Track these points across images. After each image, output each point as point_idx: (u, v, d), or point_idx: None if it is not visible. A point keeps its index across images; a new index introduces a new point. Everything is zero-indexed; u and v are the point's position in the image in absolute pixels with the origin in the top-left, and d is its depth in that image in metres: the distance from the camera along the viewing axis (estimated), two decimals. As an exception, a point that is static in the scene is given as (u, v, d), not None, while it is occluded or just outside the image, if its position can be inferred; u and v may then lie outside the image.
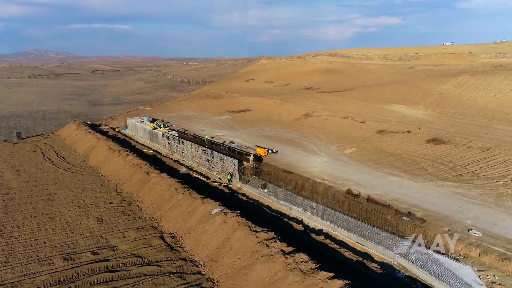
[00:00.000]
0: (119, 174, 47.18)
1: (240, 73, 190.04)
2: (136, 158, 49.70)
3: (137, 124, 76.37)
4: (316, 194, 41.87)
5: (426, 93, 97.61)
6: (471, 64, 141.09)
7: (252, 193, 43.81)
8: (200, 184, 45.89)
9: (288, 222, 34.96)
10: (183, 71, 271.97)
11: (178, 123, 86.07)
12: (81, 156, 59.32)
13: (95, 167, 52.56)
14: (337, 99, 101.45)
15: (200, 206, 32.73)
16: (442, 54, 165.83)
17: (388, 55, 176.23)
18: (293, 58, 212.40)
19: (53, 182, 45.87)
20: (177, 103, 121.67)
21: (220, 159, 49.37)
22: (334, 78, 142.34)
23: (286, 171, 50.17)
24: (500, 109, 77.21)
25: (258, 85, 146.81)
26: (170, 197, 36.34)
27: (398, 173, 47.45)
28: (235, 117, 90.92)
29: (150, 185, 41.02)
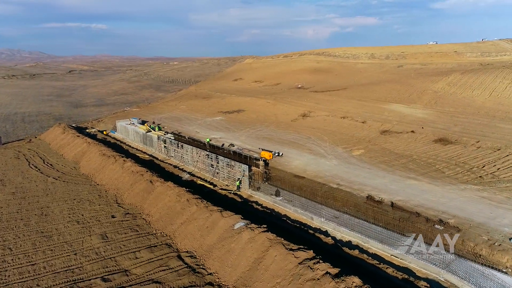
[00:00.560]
0: (117, 183, 43.10)
1: (226, 72, 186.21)
2: (135, 164, 45.70)
3: (127, 127, 71.87)
4: (335, 201, 39.13)
5: (421, 92, 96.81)
6: (459, 63, 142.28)
7: (265, 201, 40.69)
8: (207, 192, 42.40)
9: (315, 234, 32.02)
10: (165, 71, 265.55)
11: (169, 125, 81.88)
12: (71, 163, 54.67)
13: (89, 175, 48.20)
14: (332, 98, 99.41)
15: (219, 220, 29.33)
16: (429, 53, 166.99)
17: (375, 54, 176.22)
18: (279, 57, 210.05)
19: (43, 193, 41.40)
20: (165, 103, 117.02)
21: (227, 164, 45.99)
22: (324, 77, 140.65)
23: (297, 176, 47.26)
24: (499, 108, 76.79)
25: (247, 84, 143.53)
26: (182, 209, 32.75)
27: (415, 176, 45.29)
28: (229, 118, 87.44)
29: (156, 195, 37.27)
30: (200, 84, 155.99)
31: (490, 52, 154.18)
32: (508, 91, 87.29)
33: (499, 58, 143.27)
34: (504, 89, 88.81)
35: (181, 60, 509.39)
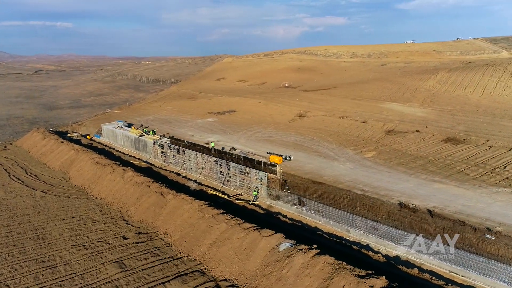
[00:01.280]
0: (119, 196, 38.10)
1: (207, 72, 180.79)
2: (137, 174, 40.78)
3: (116, 131, 66.08)
4: (365, 210, 36.02)
5: (413, 90, 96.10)
6: (440, 61, 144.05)
7: (289, 211, 36.97)
8: (222, 203, 38.17)
9: (361, 250, 28.63)
10: (140, 71, 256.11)
11: (158, 128, 76.52)
12: (58, 173, 48.80)
13: (83, 187, 42.77)
14: (325, 97, 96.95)
15: (259, 240, 25.36)
16: (410, 51, 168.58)
17: (357, 53, 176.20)
18: (259, 56, 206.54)
19: (34, 210, 35.82)
20: (148, 104, 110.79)
21: (240, 171, 41.92)
22: (310, 76, 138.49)
23: (315, 181, 43.84)
24: (495, 105, 76.65)
25: (232, 84, 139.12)
26: (209, 227, 28.48)
27: (440, 179, 42.96)
28: (222, 119, 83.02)
29: (170, 210, 32.75)
30: (181, 84, 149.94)
31: (469, 50, 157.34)
32: (499, 89, 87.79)
33: (479, 57, 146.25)
34: (495, 87, 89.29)
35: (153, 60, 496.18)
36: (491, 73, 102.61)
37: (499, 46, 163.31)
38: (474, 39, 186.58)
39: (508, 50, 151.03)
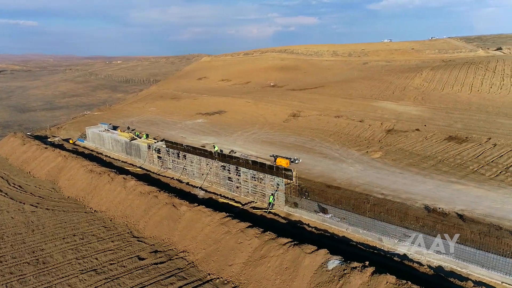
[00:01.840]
0: (123, 208, 34.31)
1: (186, 71, 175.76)
2: (141, 183, 37.08)
3: (103, 134, 61.40)
4: (390, 216, 34.07)
5: (402, 88, 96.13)
6: (421, 60, 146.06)
7: (311, 219, 34.48)
8: (238, 212, 35.13)
9: (403, 262, 26.48)
10: (113, 70, 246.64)
11: (145, 130, 72.13)
12: (45, 183, 44.15)
13: (78, 199, 38.55)
14: (314, 96, 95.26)
15: (302, 258, 22.66)
16: (389, 50, 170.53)
17: (338, 52, 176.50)
18: (239, 55, 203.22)
19: (26, 228, 31.52)
20: (130, 105, 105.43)
21: (252, 176, 39.01)
22: (294, 75, 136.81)
23: (330, 186, 41.55)
24: (486, 103, 77.31)
25: (214, 83, 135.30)
26: (238, 243, 25.48)
27: (457, 180, 41.74)
28: (212, 120, 79.56)
29: (187, 224, 29.47)
30: (161, 83, 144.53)
31: (446, 49, 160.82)
32: (485, 86, 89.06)
33: (456, 55, 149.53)
34: (481, 85, 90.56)
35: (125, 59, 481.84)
36: (474, 71, 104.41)
37: (474, 45, 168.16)
38: (449, 38, 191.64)
39: (483, 49, 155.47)
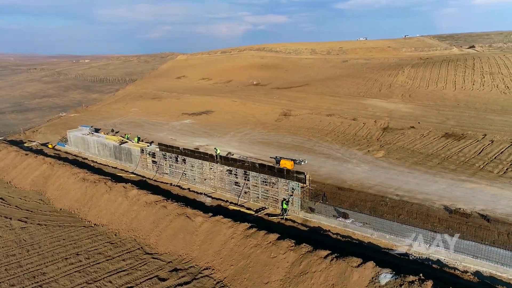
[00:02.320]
0: (127, 220, 31.13)
1: (163, 70, 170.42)
2: (144, 192, 33.95)
3: (87, 138, 57.12)
4: (411, 218, 32.89)
5: (388, 86, 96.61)
6: (399, 58, 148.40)
7: (330, 225, 32.60)
8: (252, 220, 32.77)
9: (443, 269, 25.10)
10: (83, 69, 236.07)
11: (131, 132, 68.16)
12: (31, 194, 39.96)
13: (72, 211, 34.88)
14: (301, 95, 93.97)
15: (350, 273, 20.70)
16: (366, 48, 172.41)
17: (316, 50, 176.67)
18: (216, 53, 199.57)
19: (19, 248, 27.79)
20: (108, 106, 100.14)
21: (263, 181, 36.71)
22: (276, 73, 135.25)
23: (341, 188, 39.91)
24: (473, 100, 78.58)
25: (195, 82, 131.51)
26: (271, 258, 23.20)
27: (467, 178, 41.21)
28: (201, 121, 76.45)
29: (205, 237, 26.86)
30: (138, 83, 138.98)
31: (422, 47, 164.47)
32: (468, 83, 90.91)
33: (432, 53, 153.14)
34: (464, 82, 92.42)
35: (93, 58, 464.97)
36: (454, 68, 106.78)
37: (447, 43, 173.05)
38: (422, 37, 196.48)
39: (457, 47, 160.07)
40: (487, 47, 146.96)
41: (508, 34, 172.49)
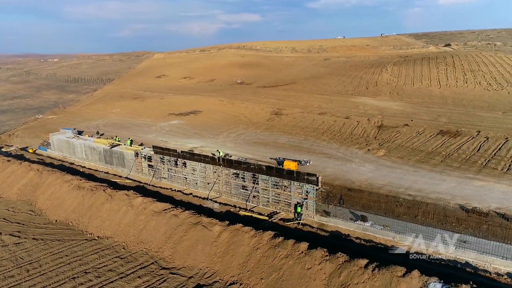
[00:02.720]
0: (136, 232, 28.70)
1: (140, 69, 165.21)
2: (150, 200, 31.53)
3: (73, 142, 53.54)
4: (428, 218, 32.20)
5: (374, 84, 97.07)
6: (379, 56, 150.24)
7: (349, 229, 31.35)
8: (268, 227, 31.03)
9: (478, 273, 24.25)
10: (54, 69, 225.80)
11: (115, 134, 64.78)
12: (19, 204, 36.58)
13: (69, 223, 31.99)
14: (289, 93, 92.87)
15: (396, 284, 19.55)
16: (346, 46, 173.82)
17: (297, 48, 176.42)
18: (195, 51, 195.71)
19: (16, 268, 24.88)
20: (88, 107, 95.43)
21: (274, 184, 35.05)
22: (259, 72, 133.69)
23: (351, 189, 38.82)
24: (459, 97, 79.84)
25: (176, 81, 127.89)
26: (306, 269, 21.65)
27: (473, 175, 41.11)
28: (190, 121, 73.81)
29: (226, 247, 24.97)
30: (116, 82, 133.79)
31: (400, 45, 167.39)
32: (452, 81, 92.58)
33: (411, 51, 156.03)
34: (448, 79, 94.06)
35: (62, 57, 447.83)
36: (436, 66, 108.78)
37: (424, 42, 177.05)
38: (398, 35, 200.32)
39: (434, 45, 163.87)
40: (463, 45, 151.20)
41: (480, 32, 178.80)
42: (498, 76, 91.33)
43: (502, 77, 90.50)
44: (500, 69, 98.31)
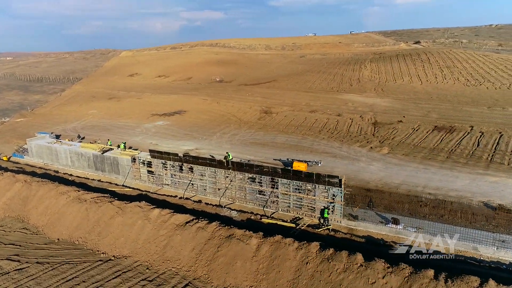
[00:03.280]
0: (158, 249, 25.67)
1: (109, 67, 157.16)
2: (169, 212, 28.51)
3: (55, 147, 48.72)
4: (455, 217, 31.61)
5: (357, 81, 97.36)
6: (353, 53, 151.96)
7: (381, 233, 30.00)
8: (298, 234, 29.01)
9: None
10: (10, 68, 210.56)
11: (99, 137, 60.23)
12: (8, 221, 32.21)
13: (75, 241, 28.30)
14: (273, 91, 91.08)
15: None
16: (320, 44, 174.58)
17: (271, 45, 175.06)
18: (165, 49, 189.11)
19: (27, 301, 21.22)
20: (59, 108, 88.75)
21: (296, 188, 33.02)
22: (236, 69, 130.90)
23: (370, 189, 37.54)
24: (442, 92, 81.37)
25: (151, 80, 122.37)
26: (370, 284, 19.88)
27: (484, 171, 41.10)
28: (176, 122, 70.11)
29: (269, 264, 22.69)
30: (85, 82, 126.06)
31: (372, 43, 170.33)
32: (431, 77, 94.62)
33: (383, 48, 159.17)
34: (427, 76, 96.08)
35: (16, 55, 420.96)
36: (412, 62, 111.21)
37: (393, 39, 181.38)
38: (368, 33, 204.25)
39: (404, 42, 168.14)
40: (431, 42, 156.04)
41: (445, 30, 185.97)
42: (473, 72, 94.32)
43: (477, 73, 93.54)
44: (473, 65, 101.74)
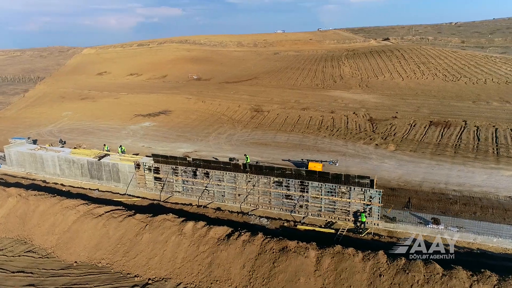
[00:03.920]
0: (204, 269, 22.87)
1: (74, 66, 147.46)
2: (204, 225, 25.69)
3: (40, 154, 43.68)
4: (487, 214, 31.34)
5: (338, 77, 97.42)
6: (326, 49, 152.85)
7: (422, 234, 28.79)
8: (341, 241, 27.21)
9: None
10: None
11: (82, 141, 55.39)
12: (8, 243, 27.80)
13: (99, 263, 24.72)
14: (259, 89, 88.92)
15: None
16: (292, 40, 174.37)
17: (242, 42, 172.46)
18: (132, 46, 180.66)
19: None
20: (26, 110, 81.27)
21: (329, 191, 31.22)
22: (212, 67, 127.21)
23: (394, 188, 36.55)
24: (426, 88, 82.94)
25: (123, 79, 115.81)
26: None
27: (496, 165, 41.57)
28: (164, 123, 66.14)
29: (336, 278, 20.74)
30: (50, 81, 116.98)
31: (343, 40, 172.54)
32: (410, 73, 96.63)
33: (354, 45, 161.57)
34: (405, 71, 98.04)
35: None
36: (388, 59, 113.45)
37: (362, 36, 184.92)
38: (336, 30, 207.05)
39: (374, 39, 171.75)
40: (400, 39, 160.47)
41: (410, 28, 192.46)
42: (448, 68, 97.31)
43: (452, 69, 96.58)
44: (446, 61, 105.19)
